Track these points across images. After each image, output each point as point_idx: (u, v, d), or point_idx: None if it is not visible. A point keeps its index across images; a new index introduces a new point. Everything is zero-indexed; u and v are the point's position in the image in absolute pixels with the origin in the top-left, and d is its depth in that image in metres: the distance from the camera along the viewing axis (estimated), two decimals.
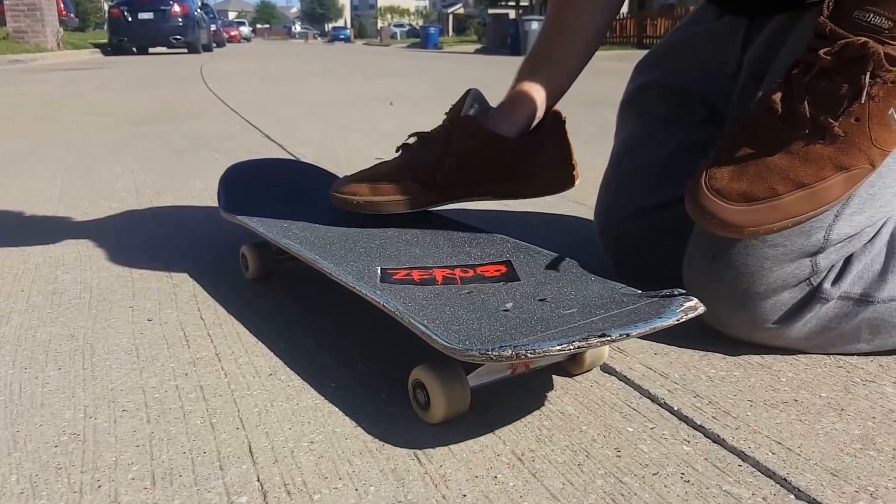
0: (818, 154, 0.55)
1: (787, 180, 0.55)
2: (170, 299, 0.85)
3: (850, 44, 0.53)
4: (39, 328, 0.78)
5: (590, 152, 1.70)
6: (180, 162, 1.71)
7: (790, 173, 0.55)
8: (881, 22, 0.53)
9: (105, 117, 2.57)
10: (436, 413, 0.56)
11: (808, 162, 0.55)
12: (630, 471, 0.50)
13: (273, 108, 2.73)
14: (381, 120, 2.42)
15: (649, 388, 0.61)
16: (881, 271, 0.63)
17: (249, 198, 0.96)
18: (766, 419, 0.56)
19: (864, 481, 0.48)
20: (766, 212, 0.55)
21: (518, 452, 0.53)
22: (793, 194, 0.55)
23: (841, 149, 0.55)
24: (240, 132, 2.17)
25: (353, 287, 0.64)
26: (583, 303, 0.59)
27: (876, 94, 0.53)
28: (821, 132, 0.55)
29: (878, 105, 0.54)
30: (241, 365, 0.68)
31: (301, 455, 0.53)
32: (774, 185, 0.55)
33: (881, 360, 0.65)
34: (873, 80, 0.53)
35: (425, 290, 0.64)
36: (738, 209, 0.56)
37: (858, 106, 0.54)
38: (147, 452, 0.54)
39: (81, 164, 1.69)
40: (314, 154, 1.76)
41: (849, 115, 0.54)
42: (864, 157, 0.56)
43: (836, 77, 0.54)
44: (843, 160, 0.55)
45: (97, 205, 1.31)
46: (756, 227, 0.56)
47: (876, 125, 0.54)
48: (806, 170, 0.55)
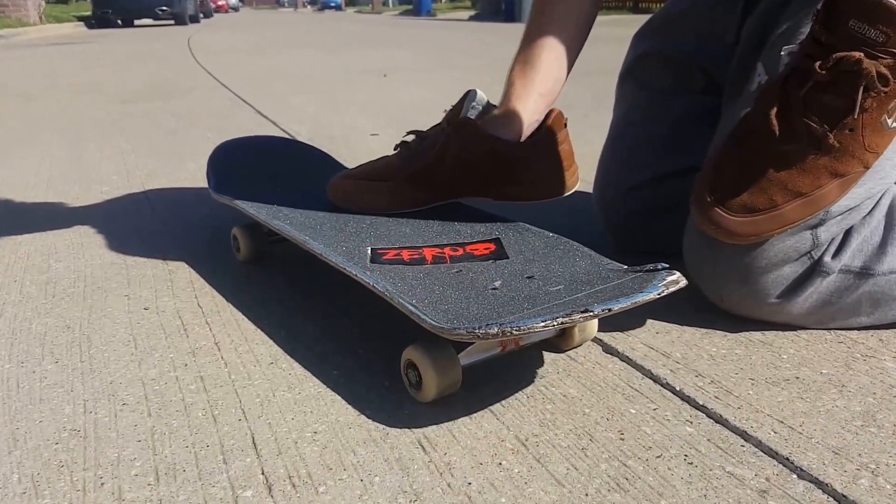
0: (814, 164, 0.58)
1: (786, 191, 0.58)
2: (166, 286, 0.84)
3: (845, 58, 0.55)
4: (34, 320, 0.77)
5: (587, 125, 1.68)
6: (171, 142, 1.68)
7: (788, 184, 0.58)
8: (875, 35, 0.54)
9: (93, 96, 2.52)
10: (427, 392, 0.56)
11: (805, 172, 0.58)
12: (634, 454, 0.50)
13: (264, 83, 2.68)
14: (376, 93, 2.39)
15: (651, 369, 0.61)
16: (880, 244, 0.63)
17: (239, 177, 0.94)
18: (767, 397, 0.56)
19: (865, 458, 0.48)
20: (766, 222, 0.59)
21: (522, 437, 0.53)
22: (791, 204, 0.58)
23: (836, 157, 0.58)
24: (231, 109, 2.14)
25: (343, 268, 0.64)
26: (569, 279, 0.60)
27: (869, 107, 0.55)
28: (817, 143, 0.58)
29: (870, 115, 0.56)
30: (241, 354, 0.68)
31: (305, 446, 0.53)
32: (774, 197, 0.58)
33: (881, 334, 0.65)
34: (866, 94, 0.55)
35: (415, 270, 0.64)
36: (742, 220, 0.59)
37: (852, 118, 0.56)
38: (149, 447, 0.54)
39: (70, 147, 1.66)
40: (309, 132, 1.73)
41: (843, 127, 0.57)
42: (858, 162, 0.58)
43: (832, 90, 0.56)
44: (838, 168, 0.58)
45: (88, 189, 1.29)
46: (757, 234, 0.59)
47: (869, 133, 0.57)
48: (803, 179, 0.58)
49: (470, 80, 2.61)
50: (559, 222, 0.91)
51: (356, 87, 2.56)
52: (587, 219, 0.97)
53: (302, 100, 2.28)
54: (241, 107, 2.17)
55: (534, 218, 0.78)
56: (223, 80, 2.84)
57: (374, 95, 2.36)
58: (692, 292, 0.69)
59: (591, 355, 0.64)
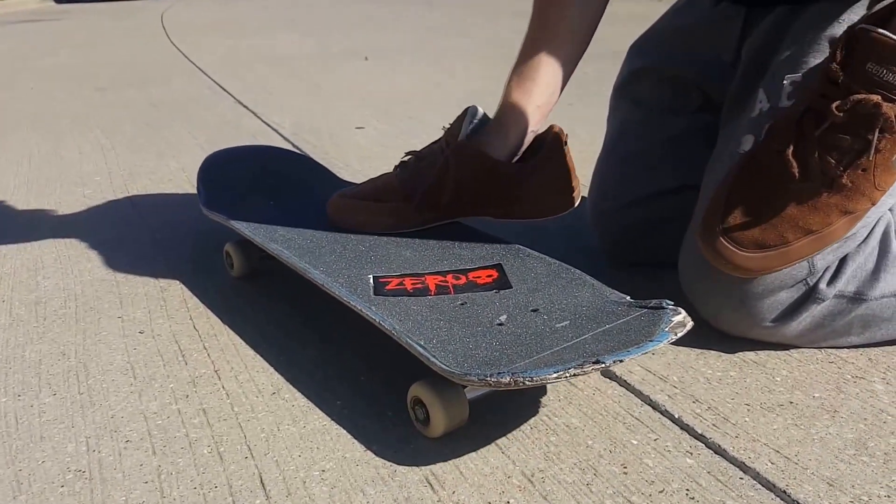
0: (825, 203, 0.60)
1: (797, 228, 0.60)
2: (159, 307, 0.83)
3: (863, 101, 0.56)
4: (27, 346, 0.76)
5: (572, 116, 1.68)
6: (151, 137, 1.64)
7: (800, 222, 0.60)
8: (893, 79, 0.55)
9: (66, 82, 2.45)
10: (435, 429, 0.57)
11: (816, 210, 0.60)
12: (637, 489, 0.51)
13: (243, 68, 2.62)
14: (359, 79, 2.35)
15: (650, 394, 0.62)
16: (874, 270, 0.64)
17: (230, 192, 0.93)
18: (763, 424, 0.58)
19: (858, 490, 0.50)
20: (776, 258, 0.60)
21: (528, 473, 0.54)
22: (801, 241, 0.60)
23: (847, 196, 0.59)
24: (211, 98, 2.09)
25: (348, 302, 0.64)
26: (574, 313, 0.60)
27: (883, 148, 0.56)
28: (830, 183, 0.59)
29: (883, 155, 0.57)
30: (242, 383, 0.68)
31: (313, 485, 0.54)
32: (785, 234, 0.60)
33: (870, 353, 0.67)
34: (881, 136, 0.56)
35: (419, 303, 0.64)
36: (752, 256, 0.60)
37: (866, 159, 0.57)
38: (157, 489, 0.55)
39: (48, 143, 1.62)
40: (292, 125, 1.70)
41: (857, 167, 0.58)
42: (868, 200, 0.60)
43: (847, 131, 0.57)
44: (848, 206, 0.60)
45: (70, 192, 1.26)
46: (766, 270, 0.61)
47: (880, 172, 0.59)
48: (814, 217, 0.60)
49: (455, 64, 2.58)
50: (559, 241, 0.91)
51: (338, 71, 2.52)
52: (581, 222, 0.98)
53: (283, 86, 2.23)
54: (220, 96, 2.13)
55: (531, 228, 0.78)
56: (200, 64, 2.77)
57: (357, 81, 2.33)
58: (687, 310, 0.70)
59: (591, 380, 0.65)
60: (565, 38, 0.74)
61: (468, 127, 0.76)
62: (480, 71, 2.40)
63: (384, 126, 1.68)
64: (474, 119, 0.75)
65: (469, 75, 2.34)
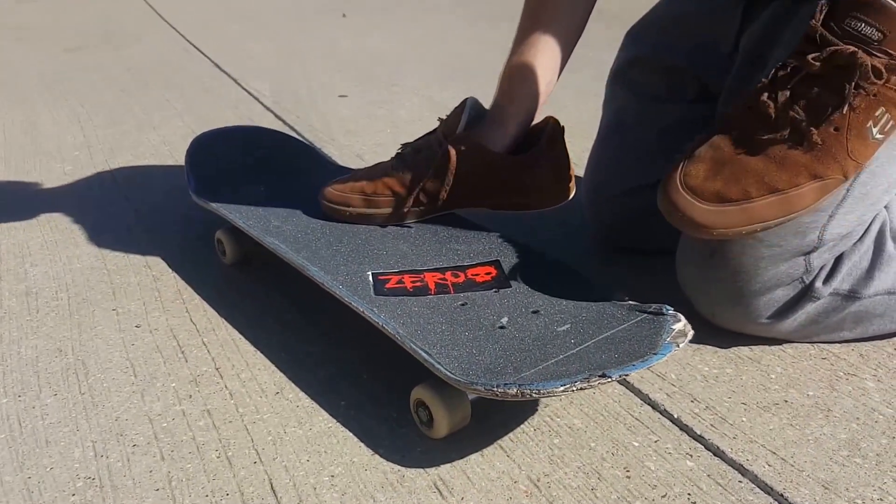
0: (794, 160, 0.56)
1: (762, 184, 0.56)
2: (154, 298, 0.82)
3: (838, 51, 0.53)
4: (22, 341, 0.75)
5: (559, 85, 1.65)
6: (128, 104, 1.59)
7: (765, 177, 0.56)
8: (871, 32, 0.53)
9: (36, 43, 2.34)
10: (439, 430, 0.58)
11: (783, 167, 0.56)
12: (640, 493, 0.53)
13: (218, 27, 2.52)
14: (336, 39, 2.27)
15: (649, 393, 0.64)
16: (868, 268, 0.65)
17: (220, 177, 0.91)
18: (760, 425, 0.60)
19: (852, 493, 0.53)
20: (736, 214, 0.56)
21: (534, 478, 0.55)
22: (765, 199, 0.56)
23: (817, 157, 0.56)
24: (187, 61, 2.01)
25: (349, 302, 0.64)
26: (574, 315, 0.61)
27: (857, 106, 0.54)
28: (799, 138, 0.56)
29: (857, 117, 0.54)
30: (244, 382, 0.68)
31: (324, 492, 0.55)
32: (748, 188, 0.56)
33: (861, 349, 0.69)
34: (857, 91, 0.54)
35: (420, 303, 0.64)
36: (710, 209, 0.56)
37: (839, 116, 0.55)
38: (169, 496, 0.55)
39: (23, 112, 1.55)
40: (272, 91, 1.66)
41: (829, 124, 0.55)
42: (839, 168, 0.56)
43: (822, 84, 0.55)
44: (818, 168, 0.56)
45: (50, 169, 1.22)
46: (725, 228, 0.56)
47: (853, 136, 0.55)
48: (781, 175, 0.56)
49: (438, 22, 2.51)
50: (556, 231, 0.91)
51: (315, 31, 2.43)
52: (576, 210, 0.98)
53: (260, 48, 2.16)
54: (196, 58, 2.05)
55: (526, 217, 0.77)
56: (174, 22, 2.65)
57: (336, 42, 2.26)
58: (681, 305, 0.72)
59: None
60: (558, 31, 0.73)
61: (467, 117, 0.74)
62: (465, 31, 2.34)
63: (367, 93, 1.64)
64: (472, 112, 0.74)
65: (454, 36, 2.28)
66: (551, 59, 0.74)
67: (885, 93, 0.54)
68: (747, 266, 0.65)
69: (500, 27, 2.39)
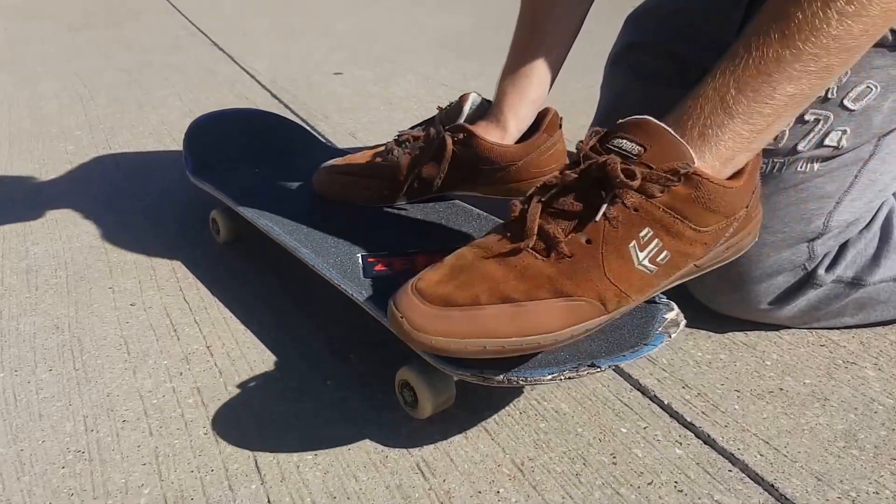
0: (538, 270, 0.49)
1: (495, 291, 0.48)
2: (149, 276, 0.83)
3: (594, 163, 0.49)
4: (21, 318, 0.76)
5: None
6: (129, 84, 1.59)
7: (501, 285, 0.48)
8: (631, 147, 0.49)
9: (39, 21, 2.35)
10: (423, 411, 0.58)
11: (524, 277, 0.49)
12: (626, 480, 0.52)
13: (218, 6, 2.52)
14: (333, 17, 2.26)
15: (639, 378, 0.62)
16: (874, 256, 0.63)
17: (217, 158, 0.91)
18: (753, 413, 0.58)
19: (846, 485, 0.51)
20: (460, 321, 0.47)
21: (518, 462, 0.55)
22: (496, 307, 0.48)
23: (565, 271, 0.48)
24: (186, 40, 2.01)
25: (338, 285, 0.63)
26: None
27: (614, 218, 0.48)
28: (547, 247, 0.49)
29: (616, 232, 0.48)
30: (234, 360, 0.68)
31: (307, 470, 0.55)
32: (479, 294, 0.48)
33: (862, 335, 0.67)
34: (613, 202, 0.48)
35: None
36: (432, 312, 0.48)
37: (592, 225, 0.48)
38: (155, 471, 0.55)
39: (26, 92, 1.56)
40: (269, 70, 1.65)
41: (580, 234, 0.48)
42: (592, 289, 0.48)
43: (577, 195, 0.49)
44: (564, 285, 0.48)
45: (52, 149, 1.23)
46: (446, 337, 0.47)
47: (611, 254, 0.48)
48: (519, 284, 0.48)
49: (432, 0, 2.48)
50: None
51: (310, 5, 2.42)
52: None
53: (258, 27, 2.15)
54: (195, 38, 2.05)
55: None
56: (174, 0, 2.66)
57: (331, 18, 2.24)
58: (677, 289, 0.70)
59: None
60: (554, 33, 0.71)
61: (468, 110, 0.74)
62: (462, 8, 2.31)
63: (362, 71, 1.62)
64: (474, 106, 0.73)
65: (450, 10, 2.25)
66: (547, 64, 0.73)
67: (650, 210, 0.48)
68: (749, 252, 0.63)
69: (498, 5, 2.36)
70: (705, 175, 0.47)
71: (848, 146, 0.60)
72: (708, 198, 0.48)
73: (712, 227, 0.49)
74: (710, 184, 0.48)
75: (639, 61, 0.79)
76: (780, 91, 0.47)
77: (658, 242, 0.48)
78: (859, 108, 0.59)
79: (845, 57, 0.46)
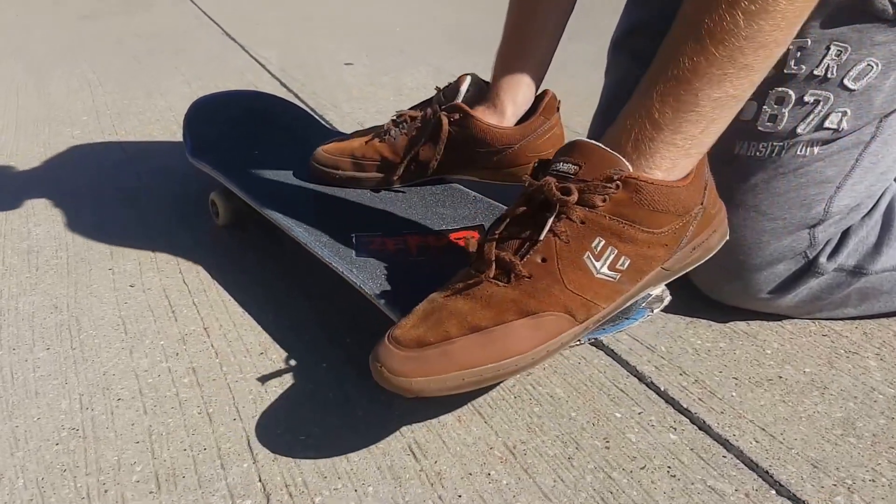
0: (501, 297, 0.50)
1: (464, 323, 0.49)
2: (149, 258, 0.83)
3: (536, 187, 0.50)
4: (20, 297, 0.76)
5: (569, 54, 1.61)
6: (137, 71, 1.59)
7: (468, 316, 0.50)
8: (568, 168, 0.50)
9: (50, 10, 2.36)
10: None
11: (489, 306, 0.50)
12: (619, 464, 0.52)
13: None
14: (347, 9, 2.25)
15: (636, 365, 0.62)
16: (876, 244, 0.62)
17: (216, 140, 0.91)
18: (750, 400, 0.58)
19: (842, 473, 0.50)
20: (435, 359, 0.48)
21: (510, 445, 0.54)
22: (466, 338, 0.49)
23: (527, 292, 0.49)
24: (197, 29, 2.01)
25: (329, 263, 0.63)
26: None
27: (563, 233, 0.49)
28: (506, 274, 0.50)
29: (569, 246, 0.49)
30: (230, 342, 0.68)
31: (299, 450, 0.55)
32: (449, 329, 0.49)
33: (866, 326, 0.66)
34: (559, 219, 0.49)
35: (400, 265, 0.64)
36: (408, 355, 0.49)
37: (544, 244, 0.49)
38: (148, 449, 0.56)
39: (35, 78, 1.57)
40: (279, 59, 1.65)
41: (535, 254, 0.50)
42: (557, 303, 0.49)
43: (526, 221, 0.51)
44: (528, 304, 0.49)
45: (59, 133, 1.23)
46: (425, 376, 0.48)
47: (567, 267, 0.49)
48: (485, 313, 0.50)
49: None
50: None
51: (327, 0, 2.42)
52: None
53: (270, 16, 2.15)
54: (207, 26, 2.05)
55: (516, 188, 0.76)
56: None
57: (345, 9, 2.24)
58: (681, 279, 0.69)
59: (577, 348, 0.64)
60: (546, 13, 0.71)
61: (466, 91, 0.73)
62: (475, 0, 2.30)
63: (373, 62, 1.62)
64: (472, 87, 0.73)
65: (463, 2, 2.24)
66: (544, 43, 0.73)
67: (598, 220, 0.49)
68: (749, 240, 0.62)
69: None
70: (642, 178, 0.48)
71: (848, 128, 0.59)
72: (652, 199, 0.49)
73: (667, 228, 0.50)
74: (651, 185, 0.48)
75: (639, 46, 0.78)
76: (703, 97, 0.47)
77: (613, 250, 0.49)
78: (860, 88, 0.57)
79: (765, 53, 0.46)
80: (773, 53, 0.47)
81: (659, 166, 0.49)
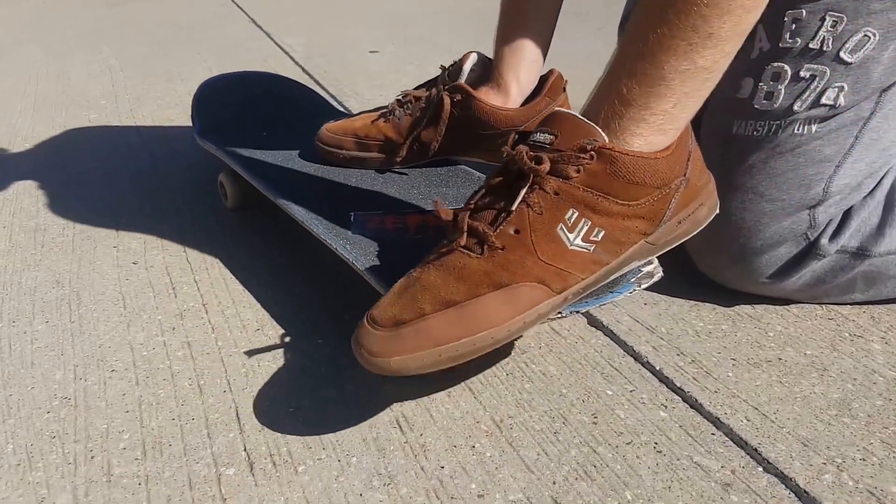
0: (474, 270, 0.49)
1: (437, 299, 0.49)
2: (154, 237, 0.84)
3: (510, 157, 0.49)
4: (24, 272, 0.78)
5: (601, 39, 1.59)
6: (160, 57, 1.62)
7: (442, 291, 0.49)
8: (545, 138, 0.49)
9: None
10: None
11: (462, 279, 0.49)
12: (604, 439, 0.51)
13: None
14: None
15: (633, 345, 0.61)
16: (879, 225, 0.60)
17: (225, 121, 0.91)
18: (746, 380, 0.56)
19: (832, 452, 0.49)
20: (409, 336, 0.48)
21: (497, 419, 0.54)
22: (439, 314, 0.48)
23: (500, 264, 0.49)
24: (224, 16, 2.03)
25: (325, 240, 0.63)
26: None
27: (537, 204, 0.48)
28: (479, 245, 0.49)
29: (542, 218, 0.48)
30: (228, 318, 0.68)
31: (287, 422, 0.55)
32: (423, 305, 0.49)
33: (874, 311, 0.64)
34: (532, 189, 0.48)
35: (398, 244, 0.63)
36: (384, 335, 0.48)
37: (517, 215, 0.49)
38: (137, 419, 0.56)
39: (57, 62, 1.60)
40: (304, 48, 1.66)
41: (508, 225, 0.49)
42: (528, 273, 0.48)
43: (500, 192, 0.50)
44: (501, 276, 0.48)
45: (75, 116, 1.26)
46: (401, 355, 0.48)
47: (541, 238, 0.48)
48: (459, 287, 0.49)
49: None
50: None
51: None
52: None
53: (298, 4, 2.16)
54: (233, 12, 2.07)
55: None
56: None
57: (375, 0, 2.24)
58: (684, 261, 0.68)
59: (576, 328, 0.63)
60: None
61: (470, 70, 0.73)
62: None
63: (398, 49, 1.62)
64: (476, 66, 0.72)
65: None
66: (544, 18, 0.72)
67: (571, 192, 0.48)
68: (749, 222, 0.61)
69: None
70: (617, 149, 0.47)
71: (846, 104, 0.57)
72: (627, 171, 0.48)
73: (643, 200, 0.49)
74: (626, 157, 0.47)
75: None
76: (669, 70, 0.46)
77: (587, 222, 0.48)
78: (857, 61, 0.56)
79: (731, 20, 0.45)
80: (742, 20, 0.45)
81: (630, 144, 0.48)
